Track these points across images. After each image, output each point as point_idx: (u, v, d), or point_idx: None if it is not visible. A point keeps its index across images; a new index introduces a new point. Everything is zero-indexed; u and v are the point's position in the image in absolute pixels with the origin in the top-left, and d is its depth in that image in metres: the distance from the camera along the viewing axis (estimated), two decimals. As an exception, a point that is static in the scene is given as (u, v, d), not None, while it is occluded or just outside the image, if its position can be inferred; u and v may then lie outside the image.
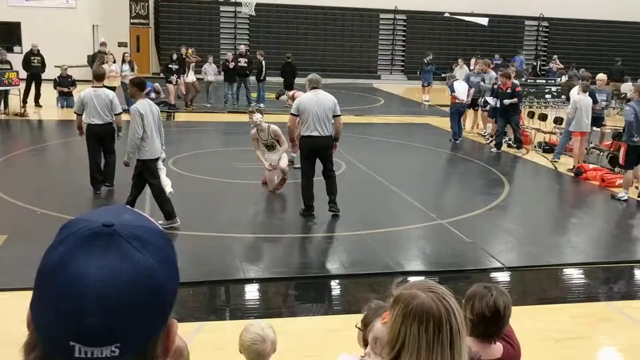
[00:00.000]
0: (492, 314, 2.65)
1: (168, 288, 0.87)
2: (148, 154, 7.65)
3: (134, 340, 0.83)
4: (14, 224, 7.71)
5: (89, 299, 0.80)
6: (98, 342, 0.81)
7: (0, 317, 5.26)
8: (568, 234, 8.64)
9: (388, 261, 6.98)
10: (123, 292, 0.81)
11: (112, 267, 0.82)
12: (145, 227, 0.88)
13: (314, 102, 8.16)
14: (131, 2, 28.24)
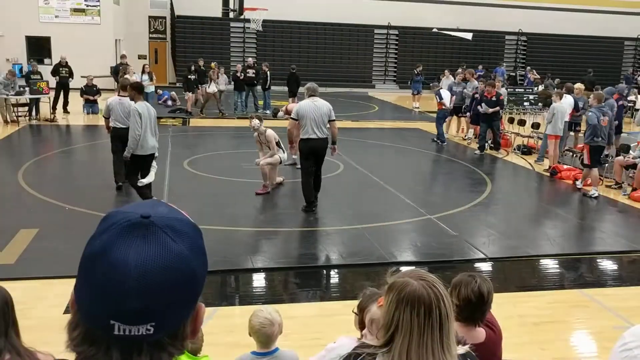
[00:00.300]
0: (477, 299, 2.65)
1: (199, 274, 0.88)
2: (141, 150, 7.85)
3: (168, 320, 0.85)
4: (44, 219, 7.69)
5: (130, 283, 0.81)
6: (136, 321, 0.82)
7: (31, 304, 5.24)
8: (545, 228, 8.61)
9: (382, 252, 6.96)
10: (160, 277, 0.82)
11: (150, 254, 0.83)
12: (178, 219, 0.89)
13: (311, 108, 8.26)
14: (150, 19, 28.23)
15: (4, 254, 6.44)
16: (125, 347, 0.84)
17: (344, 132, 16.33)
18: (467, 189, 10.48)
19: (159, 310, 0.83)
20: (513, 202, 9.97)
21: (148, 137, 7.87)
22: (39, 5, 23.67)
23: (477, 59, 29.27)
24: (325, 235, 7.65)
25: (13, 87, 15.86)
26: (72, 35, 23.44)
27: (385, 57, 30.66)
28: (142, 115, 7.73)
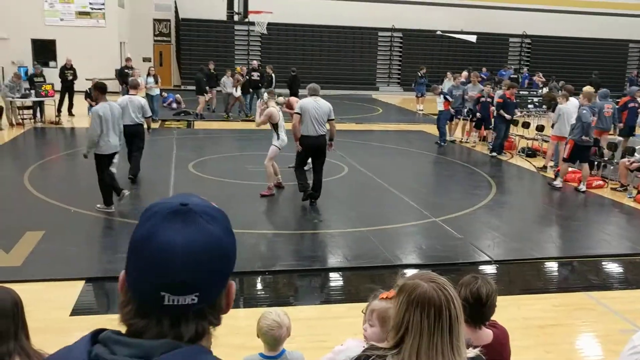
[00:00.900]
0: (474, 300, 2.65)
1: (231, 252, 1.03)
2: (103, 149, 8.02)
3: (208, 291, 0.99)
4: (50, 221, 7.71)
5: (177, 259, 0.95)
6: (183, 291, 0.96)
7: (37, 306, 5.25)
8: (549, 230, 8.60)
9: (387, 255, 6.95)
10: (201, 253, 0.97)
11: (192, 234, 0.97)
12: (209, 207, 1.04)
13: (313, 106, 8.66)
14: (155, 22, 28.30)
15: (11, 256, 6.46)
16: (174, 316, 0.97)
17: (348, 135, 16.35)
18: (472, 191, 10.47)
19: (201, 282, 0.97)
20: (518, 205, 9.96)
21: (111, 137, 8.06)
22: (44, 9, 23.77)
23: (481, 61, 29.25)
24: (330, 237, 7.66)
25: (19, 90, 15.93)
26: (77, 38, 23.53)
27: (389, 59, 30.67)
28: (104, 117, 7.92)
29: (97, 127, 7.86)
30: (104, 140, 7.96)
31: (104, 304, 5.72)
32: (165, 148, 13.32)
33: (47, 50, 23.73)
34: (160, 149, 13.42)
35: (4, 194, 9.20)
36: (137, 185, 9.99)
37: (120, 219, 7.93)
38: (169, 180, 10.29)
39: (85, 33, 23.93)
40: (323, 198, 9.64)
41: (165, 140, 14.36)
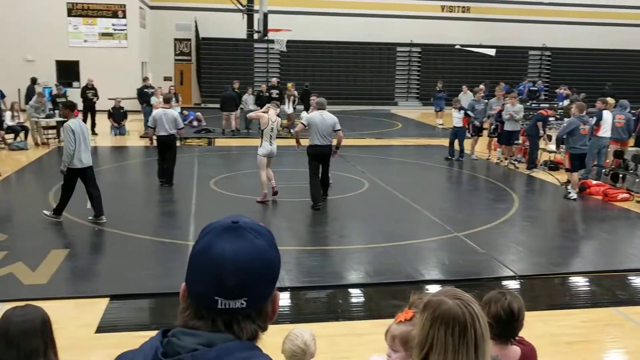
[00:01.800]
0: (507, 316, 2.62)
1: (275, 262, 1.18)
2: (74, 163, 8.36)
3: (256, 297, 1.14)
4: (74, 240, 7.82)
5: (228, 267, 1.11)
6: (233, 296, 1.12)
7: (63, 323, 5.30)
8: (575, 245, 8.46)
9: (410, 271, 6.91)
10: (249, 262, 1.12)
11: (241, 247, 1.13)
12: (257, 224, 1.20)
13: (319, 119, 9.62)
14: (176, 41, 28.75)
15: (37, 274, 6.54)
16: (227, 319, 1.12)
17: (368, 150, 16.35)
18: (494, 205, 10.37)
19: (249, 288, 1.12)
20: (541, 219, 9.83)
21: (82, 151, 8.39)
22: (68, 31, 24.29)
23: (500, 75, 29.14)
24: (351, 253, 7.63)
25: (43, 110, 16.25)
26: (100, 58, 23.98)
27: (407, 74, 30.70)
28: (75, 132, 8.24)
29: (71, 142, 8.22)
30: (76, 154, 8.33)
31: (129, 321, 5.75)
32: (186, 165, 13.44)
33: (70, 71, 24.21)
34: (181, 167, 13.54)
35: (29, 213, 9.34)
36: (160, 204, 10.09)
37: (143, 237, 8.00)
38: (190, 197, 10.37)
39: (108, 54, 24.38)
40: (344, 214, 9.64)
41: (186, 158, 14.49)
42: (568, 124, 11.06)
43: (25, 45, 23.51)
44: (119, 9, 24.57)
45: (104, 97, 18.84)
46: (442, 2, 30.63)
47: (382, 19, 29.48)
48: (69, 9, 24.22)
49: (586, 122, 10.81)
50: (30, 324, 2.34)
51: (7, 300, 5.69)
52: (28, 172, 12.66)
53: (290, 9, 27.50)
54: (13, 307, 2.52)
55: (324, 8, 28.94)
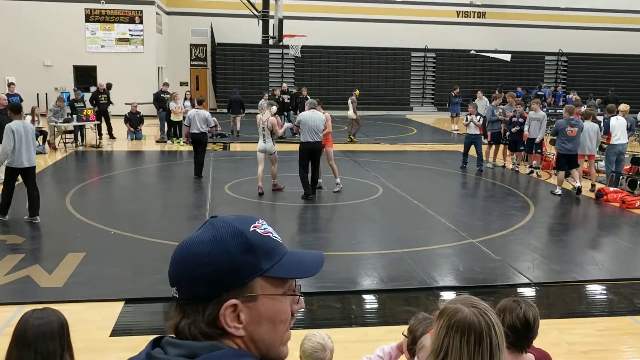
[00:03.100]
0: (522, 326, 2.60)
1: (206, 260, 1.05)
2: (15, 163, 8.64)
3: (183, 289, 1.07)
4: (90, 243, 7.88)
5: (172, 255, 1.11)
6: (170, 282, 1.10)
7: (79, 327, 5.34)
8: (591, 252, 8.36)
9: (424, 277, 6.87)
10: (180, 252, 1.08)
11: (188, 238, 1.10)
12: (227, 222, 1.09)
13: (309, 117, 10.55)
14: (192, 47, 28.97)
15: (53, 277, 6.61)
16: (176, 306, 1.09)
17: (383, 155, 16.33)
18: (509, 212, 10.30)
19: (177, 278, 1.08)
20: (557, 225, 9.74)
21: (23, 152, 8.64)
22: (86, 36, 24.59)
23: (516, 80, 29.01)
24: (365, 259, 7.61)
25: (62, 115, 16.44)
26: (117, 63, 24.24)
27: (422, 79, 30.64)
28: (16, 132, 8.54)
29: (10, 141, 8.51)
30: (16, 154, 8.58)
31: (144, 324, 5.78)
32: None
33: (88, 76, 24.49)
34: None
35: (47, 217, 9.45)
36: (175, 208, 10.15)
37: (158, 241, 8.05)
38: (205, 202, 10.43)
39: (125, 59, 24.64)
40: (358, 219, 9.62)
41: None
42: (555, 124, 11.75)
43: (44, 51, 23.84)
44: (135, 14, 24.83)
45: (121, 102, 19.03)
46: (458, 7, 30.55)
47: (397, 24, 29.47)
48: (87, 14, 24.53)
49: (574, 124, 11.30)
50: (48, 326, 2.37)
51: (24, 303, 5.76)
52: (45, 175, 12.80)
53: (304, 15, 27.59)
54: (32, 309, 2.55)
55: (339, 14, 29.00)
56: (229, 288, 1.05)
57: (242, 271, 1.06)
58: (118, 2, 24.59)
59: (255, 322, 1.07)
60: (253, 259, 1.06)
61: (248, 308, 1.06)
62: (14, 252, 7.38)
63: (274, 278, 1.09)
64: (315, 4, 28.65)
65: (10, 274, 6.66)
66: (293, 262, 1.12)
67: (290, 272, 1.11)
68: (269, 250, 1.09)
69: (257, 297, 1.07)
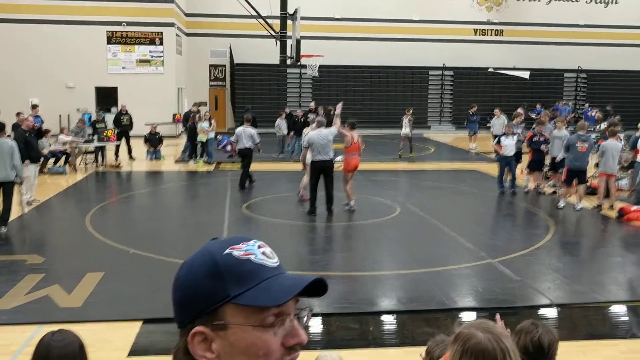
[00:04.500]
0: (535, 349, 2.54)
1: (178, 286, 1.02)
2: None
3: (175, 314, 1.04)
4: (109, 263, 7.94)
5: None
6: None
7: (97, 347, 5.37)
8: (614, 272, 8.21)
9: (442, 298, 6.80)
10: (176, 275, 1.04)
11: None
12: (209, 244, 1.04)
13: (317, 137, 10.65)
14: (211, 67, 29.35)
15: (72, 297, 6.66)
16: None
17: (400, 174, 16.29)
18: (529, 231, 10.18)
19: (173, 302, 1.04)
20: (578, 245, 9.60)
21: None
22: (107, 58, 25.05)
23: (535, 97, 28.83)
24: (383, 279, 7.56)
25: (83, 135, 16.71)
26: (138, 84, 24.61)
27: (440, 98, 30.62)
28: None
29: None
30: None
31: (162, 345, 5.79)
32: (219, 189, 13.62)
33: (109, 97, 24.89)
34: (214, 191, 13.73)
35: (66, 236, 9.58)
36: (193, 228, 10.21)
37: (176, 260, 8.08)
38: (223, 221, 10.47)
39: (145, 80, 25.01)
40: (376, 239, 9.58)
41: (219, 182, 14.69)
42: (566, 140, 11.89)
43: (67, 73, 24.31)
44: (156, 36, 25.25)
45: (141, 122, 19.26)
46: (475, 25, 30.59)
47: (415, 43, 29.57)
48: (109, 37, 25.00)
49: (585, 140, 11.43)
50: (70, 348, 2.41)
51: (43, 323, 5.81)
52: (66, 196, 12.98)
53: (322, 35, 27.84)
54: (50, 332, 2.57)
55: (356, 33, 29.20)
56: (198, 314, 0.98)
57: (208, 297, 0.97)
58: (139, 25, 25.05)
59: (228, 353, 0.97)
60: (219, 284, 0.97)
61: (219, 337, 0.97)
62: (34, 272, 7.45)
63: (245, 306, 0.96)
64: (332, 24, 28.92)
65: (30, 293, 6.73)
66: (263, 289, 0.97)
67: (254, 299, 0.96)
68: (242, 274, 0.97)
69: (227, 325, 0.97)
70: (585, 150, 11.43)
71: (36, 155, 11.96)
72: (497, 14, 30.60)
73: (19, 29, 23.83)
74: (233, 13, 24.81)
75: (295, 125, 19.19)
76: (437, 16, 29.74)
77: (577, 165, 11.42)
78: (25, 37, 23.90)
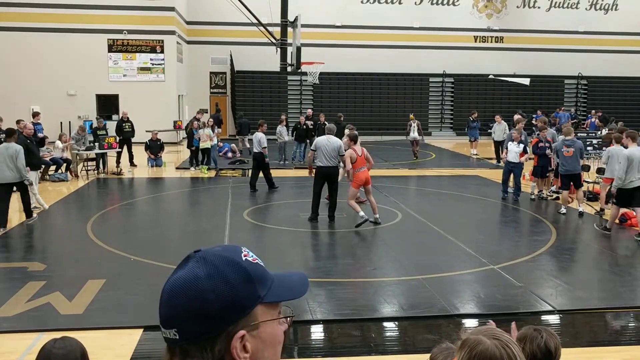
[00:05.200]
0: (544, 355, 2.53)
1: (210, 297, 1.03)
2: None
3: (185, 329, 1.04)
4: (110, 270, 7.92)
5: (163, 295, 1.08)
6: (165, 325, 1.07)
7: (96, 354, 5.35)
8: (616, 278, 8.18)
9: (444, 304, 6.78)
10: (177, 292, 1.05)
11: (178, 275, 1.07)
12: (217, 254, 1.08)
13: (325, 143, 10.70)
14: (211, 74, 29.41)
15: (73, 304, 6.65)
16: (169, 348, 1.08)
17: (401, 180, 16.28)
18: (531, 237, 10.16)
19: (177, 318, 1.04)
20: (581, 251, 9.58)
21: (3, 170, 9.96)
22: (108, 66, 25.12)
23: (535, 104, 28.91)
24: (384, 286, 7.54)
25: (84, 143, 16.73)
26: (139, 92, 24.68)
27: (441, 104, 30.66)
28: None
29: None
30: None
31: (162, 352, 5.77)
32: (221, 196, 13.62)
33: (110, 104, 24.96)
34: (216, 197, 13.73)
35: (68, 243, 9.56)
36: (195, 235, 10.20)
37: (178, 267, 8.07)
38: (224, 228, 10.46)
39: (146, 87, 25.08)
40: (377, 245, 9.57)
41: (221, 189, 14.69)
42: (554, 146, 12.45)
43: (68, 80, 24.38)
44: (157, 44, 25.33)
45: (142, 129, 19.28)
46: (475, 32, 30.66)
47: (415, 50, 29.64)
48: (110, 45, 25.09)
49: (570, 145, 11.68)
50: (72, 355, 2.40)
51: (44, 330, 5.80)
52: (67, 203, 12.98)
53: (323, 42, 27.91)
54: (52, 339, 2.57)
55: (356, 40, 29.27)
56: (234, 321, 1.05)
57: (245, 302, 1.06)
58: (140, 33, 25.13)
59: (260, 349, 1.07)
60: (252, 288, 1.07)
61: (252, 337, 1.06)
62: (35, 279, 7.44)
63: (270, 303, 1.09)
64: (333, 31, 29.00)
65: (31, 301, 6.72)
66: (283, 286, 1.12)
67: (284, 296, 1.11)
68: (262, 276, 1.09)
69: (259, 324, 1.07)
70: (572, 155, 11.65)
71: (37, 163, 12.02)
72: (498, 21, 30.68)
73: (20, 37, 23.92)
74: (234, 21, 24.88)
75: (297, 132, 19.24)
76: (438, 23, 29.83)
77: (567, 170, 11.66)
78: (26, 45, 23.98)
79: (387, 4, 29.70)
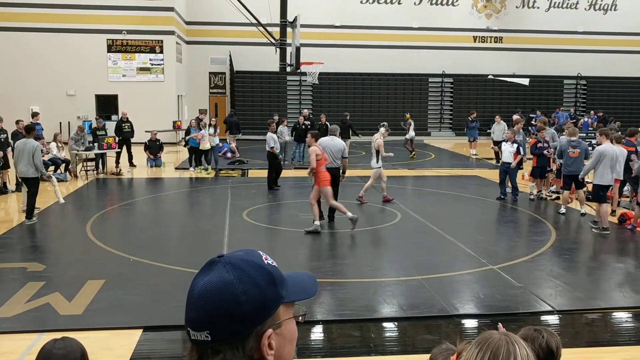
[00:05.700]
0: (546, 355, 2.54)
1: (242, 299, 1.09)
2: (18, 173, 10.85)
3: (218, 331, 1.09)
4: (110, 270, 7.92)
5: (190, 299, 1.13)
6: (196, 327, 1.11)
7: (96, 355, 5.35)
8: (616, 278, 8.19)
9: (443, 305, 6.78)
10: (210, 295, 1.10)
11: (209, 280, 1.11)
12: (243, 259, 1.15)
13: (329, 144, 10.75)
14: (211, 75, 29.42)
15: (73, 304, 6.64)
16: (199, 350, 1.13)
17: (401, 181, 16.28)
18: (531, 237, 10.16)
19: (209, 321, 1.09)
20: (580, 252, 9.58)
21: (20, 165, 10.51)
22: (108, 66, 25.11)
23: (535, 104, 28.94)
24: (384, 286, 7.54)
25: (83, 143, 16.71)
26: (138, 92, 24.67)
27: (440, 104, 30.67)
28: (17, 148, 10.61)
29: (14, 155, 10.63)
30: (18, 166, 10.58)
31: (162, 352, 5.78)
32: (220, 196, 13.62)
33: (109, 104, 24.95)
34: (215, 198, 13.72)
35: (67, 244, 9.56)
36: (194, 235, 10.20)
37: (177, 268, 8.08)
38: (223, 228, 10.46)
39: (146, 87, 25.07)
40: (376, 246, 9.57)
41: (220, 189, 14.68)
42: (559, 146, 12.28)
43: (67, 81, 24.38)
44: (156, 44, 25.32)
45: (141, 129, 19.27)
46: (474, 32, 30.68)
47: (414, 50, 29.66)
48: (109, 45, 25.08)
49: (576, 146, 11.63)
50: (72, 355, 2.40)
51: (44, 331, 5.80)
52: (66, 203, 12.96)
53: (322, 42, 27.92)
54: (52, 340, 2.57)
55: (356, 41, 29.29)
56: (264, 320, 1.13)
57: (271, 303, 1.14)
58: (139, 33, 25.12)
59: (282, 345, 1.15)
60: (276, 290, 1.15)
61: (276, 335, 1.14)
62: (35, 280, 7.44)
63: (288, 303, 1.17)
64: (332, 31, 29.01)
65: (30, 301, 6.71)
66: (298, 286, 1.21)
67: (300, 295, 1.20)
68: (281, 278, 1.18)
69: (282, 322, 1.15)
70: (577, 156, 11.60)
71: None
72: (497, 21, 30.70)
73: (20, 37, 23.91)
74: (233, 21, 24.89)
75: (296, 132, 19.22)
76: (437, 23, 29.85)
77: (571, 171, 11.58)
78: (26, 45, 23.97)
79: (387, 4, 29.71)
